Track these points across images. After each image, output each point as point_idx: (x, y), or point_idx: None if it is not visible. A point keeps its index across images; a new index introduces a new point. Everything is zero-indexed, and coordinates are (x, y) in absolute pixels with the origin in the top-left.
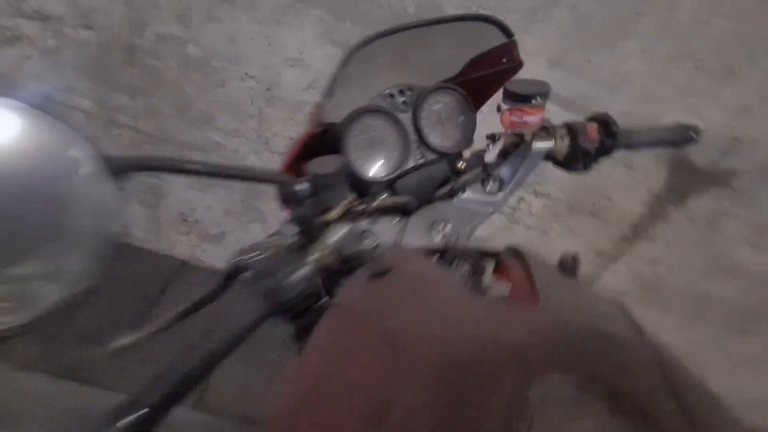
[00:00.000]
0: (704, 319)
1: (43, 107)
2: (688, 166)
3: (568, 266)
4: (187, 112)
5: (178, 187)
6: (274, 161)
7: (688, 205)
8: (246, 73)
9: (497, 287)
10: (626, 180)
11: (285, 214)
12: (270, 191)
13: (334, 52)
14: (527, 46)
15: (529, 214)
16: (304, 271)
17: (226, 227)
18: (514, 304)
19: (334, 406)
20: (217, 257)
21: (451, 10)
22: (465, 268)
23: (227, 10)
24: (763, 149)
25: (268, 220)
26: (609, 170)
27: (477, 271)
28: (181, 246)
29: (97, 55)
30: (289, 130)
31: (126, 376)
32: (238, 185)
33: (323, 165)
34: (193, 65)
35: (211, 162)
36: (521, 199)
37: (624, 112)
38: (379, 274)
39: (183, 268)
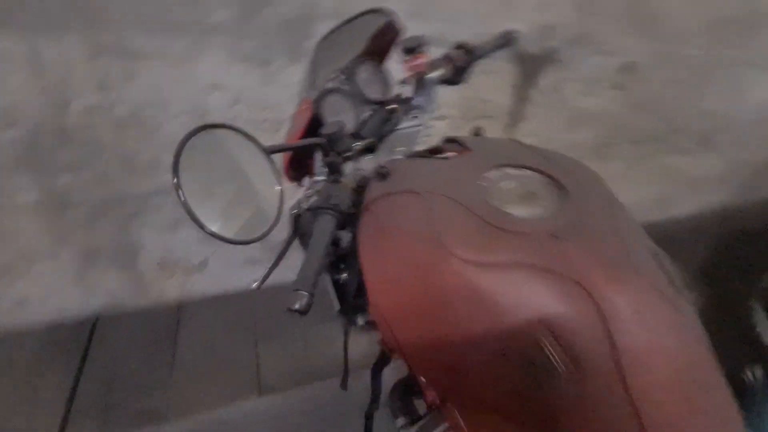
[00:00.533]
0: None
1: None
2: (526, 57)
3: (479, 133)
4: (134, 166)
5: (149, 235)
6: None
7: (537, 83)
8: (178, 111)
9: (448, 154)
10: (492, 84)
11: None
12: None
13: (243, 68)
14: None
15: (441, 135)
16: (347, 190)
17: (206, 252)
18: (458, 156)
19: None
20: (208, 283)
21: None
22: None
23: (140, 65)
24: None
25: None
26: (477, 82)
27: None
28: (171, 289)
29: (29, 147)
30: None
31: None
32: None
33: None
34: (126, 123)
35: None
36: (431, 126)
37: (473, 35)
38: (384, 175)
39: (181, 310)
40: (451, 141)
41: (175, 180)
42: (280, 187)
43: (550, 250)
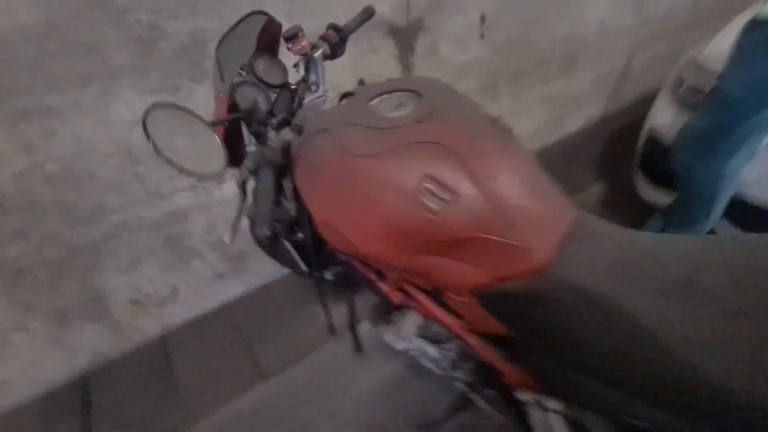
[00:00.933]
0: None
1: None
2: (399, 30)
3: (362, 83)
4: (78, 218)
5: (112, 280)
6: (169, 205)
7: (416, 50)
8: (106, 154)
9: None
10: (380, 60)
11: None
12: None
13: (156, 98)
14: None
15: None
16: (277, 150)
17: (173, 281)
18: (349, 99)
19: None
20: (184, 310)
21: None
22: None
23: (57, 121)
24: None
25: (200, 250)
26: (368, 61)
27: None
28: (150, 325)
29: None
30: (166, 171)
31: None
32: (158, 242)
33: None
34: (59, 178)
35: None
36: (329, 91)
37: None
38: (300, 130)
39: (166, 341)
40: (345, 95)
41: (150, 140)
42: (220, 141)
43: (417, 130)
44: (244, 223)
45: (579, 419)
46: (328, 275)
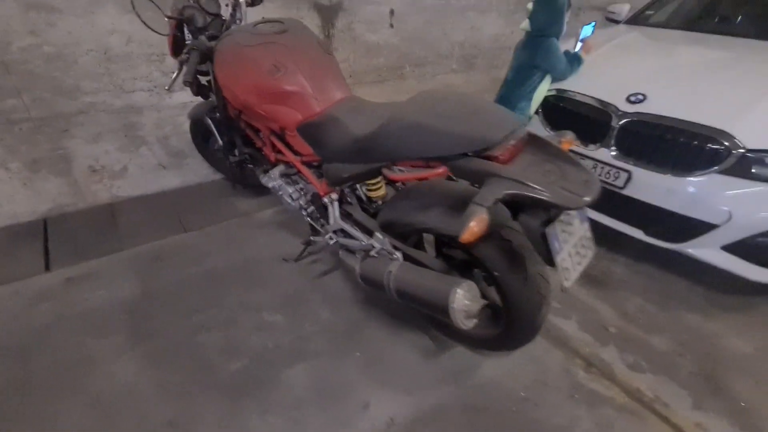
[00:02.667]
0: (385, 80)
1: None
2: (323, 8)
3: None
4: (61, 91)
5: (78, 147)
6: (129, 99)
7: (336, 25)
8: (88, 49)
9: None
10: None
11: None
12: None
13: (130, 17)
14: None
15: None
16: (204, 42)
17: (124, 161)
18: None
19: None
20: (131, 187)
21: None
22: None
23: (57, 17)
24: None
25: (148, 141)
26: None
27: None
28: (102, 192)
29: None
30: (130, 73)
31: None
32: (117, 126)
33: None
34: (52, 58)
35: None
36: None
37: None
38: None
39: (113, 208)
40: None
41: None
42: (167, 20)
43: (274, 37)
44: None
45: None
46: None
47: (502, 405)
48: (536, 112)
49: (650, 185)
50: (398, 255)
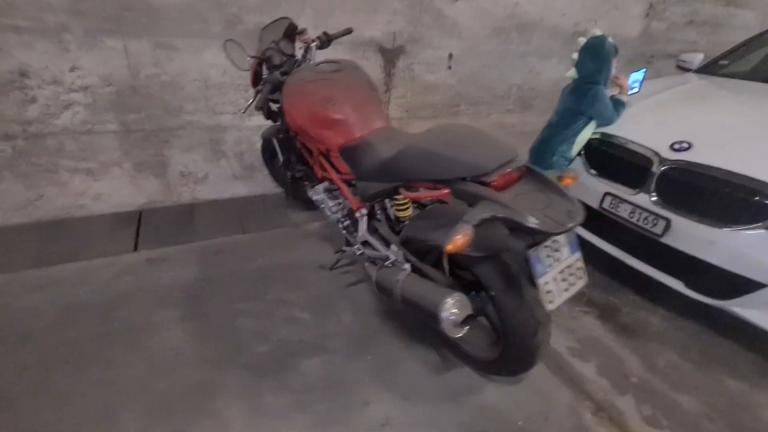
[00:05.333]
0: (439, 116)
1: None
2: (386, 50)
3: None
4: (168, 110)
5: (174, 155)
6: (218, 120)
7: (397, 65)
8: (193, 78)
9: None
10: (370, 66)
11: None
12: (226, 138)
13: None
14: (300, 20)
15: None
16: (277, 77)
17: (207, 169)
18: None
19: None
20: (208, 191)
21: None
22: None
23: (176, 54)
24: None
25: (228, 154)
26: (360, 63)
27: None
28: (186, 194)
29: (116, 97)
30: (222, 98)
31: None
32: (205, 140)
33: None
34: (166, 84)
35: None
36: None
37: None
38: (287, 73)
39: (192, 207)
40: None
41: (226, 52)
42: (249, 59)
43: (330, 75)
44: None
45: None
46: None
47: (496, 429)
48: (579, 154)
49: (691, 235)
50: (407, 266)
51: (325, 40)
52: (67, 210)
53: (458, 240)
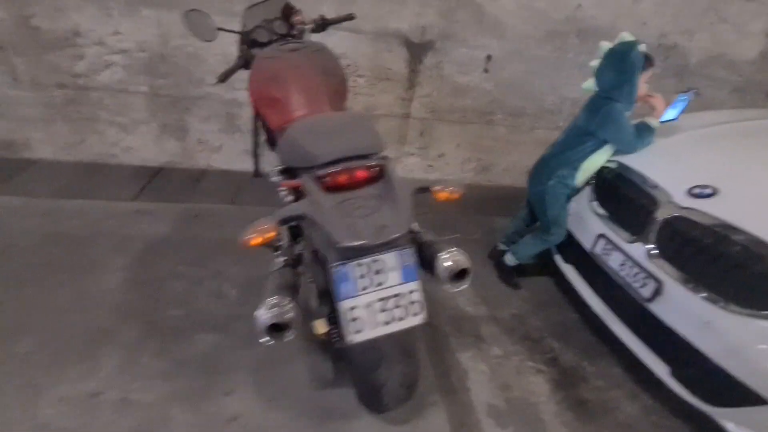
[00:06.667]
0: (470, 122)
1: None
2: (412, 44)
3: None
4: (191, 80)
5: (193, 122)
6: (235, 95)
7: (423, 62)
8: (215, 53)
9: None
10: (393, 59)
11: None
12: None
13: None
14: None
15: (361, 88)
16: (246, 53)
17: (222, 141)
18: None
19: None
20: (221, 161)
21: None
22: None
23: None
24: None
25: (242, 129)
26: (383, 57)
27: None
28: (201, 160)
29: (148, 62)
30: (240, 75)
31: None
32: (222, 113)
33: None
34: (191, 56)
35: None
36: (354, 80)
37: (374, 28)
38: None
39: (204, 172)
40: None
41: (186, 22)
42: (217, 30)
43: (285, 54)
44: None
45: None
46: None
47: None
48: (589, 184)
49: (684, 308)
50: (281, 260)
51: (321, 24)
52: (102, 156)
53: (252, 235)
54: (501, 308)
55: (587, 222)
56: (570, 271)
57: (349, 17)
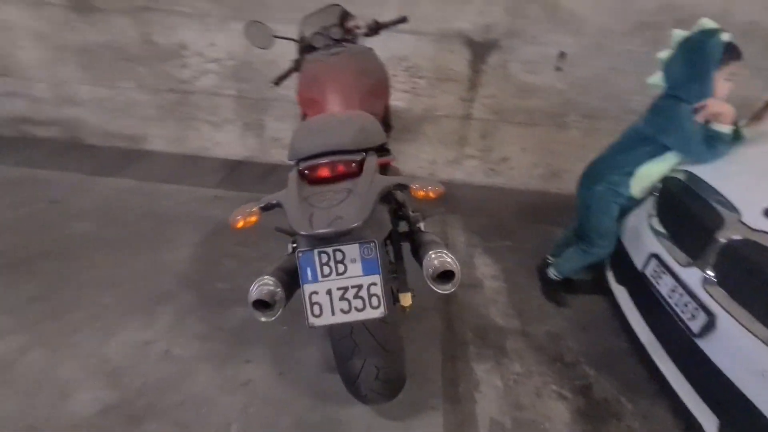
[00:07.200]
0: (538, 124)
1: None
2: (475, 44)
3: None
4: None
5: (270, 122)
6: None
7: (487, 61)
8: (289, 59)
9: None
10: (455, 59)
11: None
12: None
13: None
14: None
15: (422, 89)
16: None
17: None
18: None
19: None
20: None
21: None
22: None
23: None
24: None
25: None
26: (445, 57)
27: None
28: (275, 156)
29: (234, 69)
30: None
31: None
32: (295, 113)
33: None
34: (269, 62)
35: None
36: (415, 82)
37: (437, 29)
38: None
39: (276, 167)
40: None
41: (246, 32)
42: (273, 38)
43: (327, 58)
44: None
45: None
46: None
47: None
48: (652, 195)
49: (738, 349)
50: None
51: (374, 28)
52: (198, 149)
53: (237, 217)
54: (536, 324)
55: (642, 239)
56: (621, 293)
57: (403, 20)
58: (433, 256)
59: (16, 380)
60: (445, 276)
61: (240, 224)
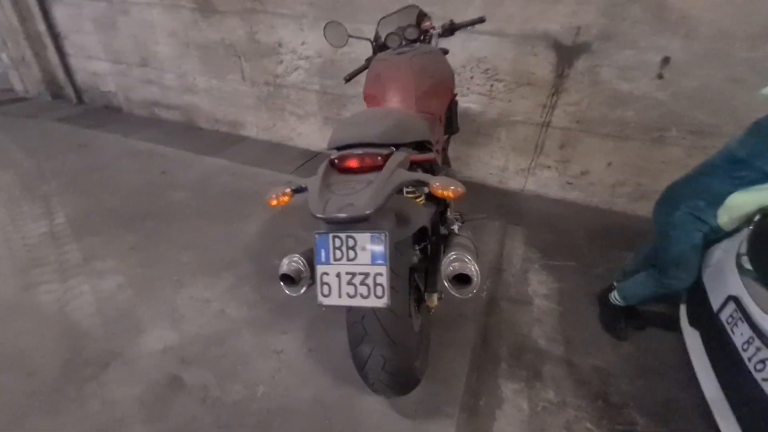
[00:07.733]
0: (629, 138)
1: None
2: (562, 47)
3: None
4: (354, 80)
5: (346, 115)
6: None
7: (574, 66)
8: (349, 60)
9: None
10: (537, 62)
11: None
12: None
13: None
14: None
15: (498, 93)
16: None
17: None
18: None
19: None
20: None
21: None
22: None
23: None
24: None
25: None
26: (527, 60)
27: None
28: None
29: (321, 66)
30: None
31: None
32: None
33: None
34: (339, 63)
35: None
36: (492, 85)
37: (519, 30)
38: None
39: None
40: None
41: (324, 31)
42: (348, 37)
43: (392, 57)
44: None
45: None
46: None
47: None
48: (748, 229)
49: None
50: None
51: (449, 28)
52: (284, 139)
53: (272, 196)
54: (583, 355)
55: (724, 276)
56: (692, 337)
57: (480, 20)
58: (453, 257)
59: (110, 311)
60: (464, 280)
61: (274, 202)
